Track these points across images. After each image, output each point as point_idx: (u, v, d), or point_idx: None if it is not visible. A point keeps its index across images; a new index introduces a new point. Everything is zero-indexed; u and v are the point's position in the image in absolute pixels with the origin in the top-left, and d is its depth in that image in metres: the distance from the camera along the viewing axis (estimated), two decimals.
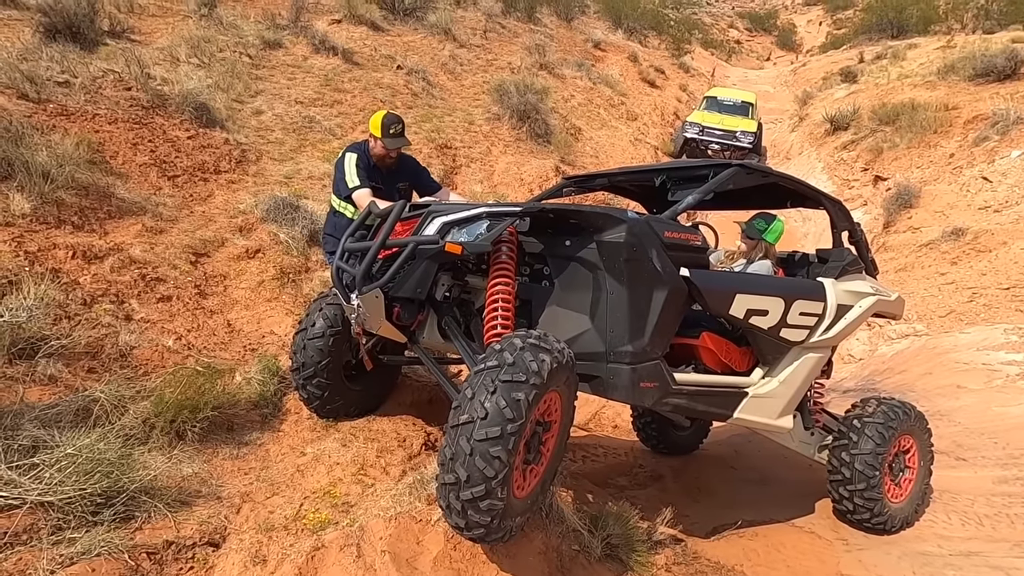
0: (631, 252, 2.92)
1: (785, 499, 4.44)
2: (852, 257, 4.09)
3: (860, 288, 3.98)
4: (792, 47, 37.92)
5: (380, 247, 2.96)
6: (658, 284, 3.00)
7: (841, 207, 4.17)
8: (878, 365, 6.83)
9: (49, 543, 2.40)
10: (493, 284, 3.02)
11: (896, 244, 9.30)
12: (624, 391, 2.99)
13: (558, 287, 3.16)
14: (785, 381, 3.64)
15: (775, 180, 3.81)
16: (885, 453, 3.91)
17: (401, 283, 2.99)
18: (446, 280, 3.26)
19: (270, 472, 3.23)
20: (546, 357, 2.52)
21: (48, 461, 2.58)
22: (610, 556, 3.12)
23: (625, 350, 2.95)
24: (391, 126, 4.08)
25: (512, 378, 2.40)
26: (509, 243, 3.11)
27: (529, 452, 2.63)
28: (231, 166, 6.98)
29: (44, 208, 4.77)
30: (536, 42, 15.70)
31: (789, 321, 3.54)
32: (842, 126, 14.14)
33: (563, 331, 3.01)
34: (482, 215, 2.97)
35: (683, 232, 3.20)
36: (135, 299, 4.47)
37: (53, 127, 5.81)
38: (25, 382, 3.24)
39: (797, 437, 4.06)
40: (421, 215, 3.06)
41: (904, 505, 4.06)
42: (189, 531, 2.68)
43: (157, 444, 3.11)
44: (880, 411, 4.02)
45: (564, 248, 3.11)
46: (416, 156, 9.14)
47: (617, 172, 4.36)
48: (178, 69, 8.06)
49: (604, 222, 2.99)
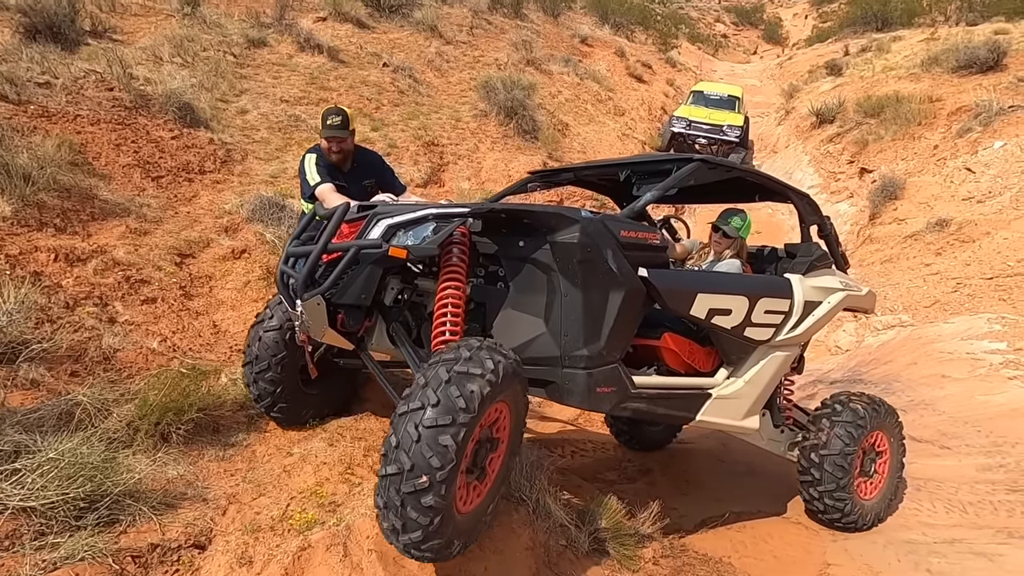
0: (585, 253, 2.84)
1: (772, 491, 4.48)
2: (821, 252, 4.03)
3: (828, 284, 3.92)
4: (778, 41, 38.06)
5: (321, 251, 2.82)
6: (614, 285, 2.92)
7: (809, 201, 4.11)
8: (864, 356, 6.89)
9: (32, 548, 2.38)
10: (442, 288, 2.92)
11: (882, 236, 9.38)
12: (580, 397, 2.91)
13: (513, 289, 3.07)
14: (751, 381, 3.57)
15: (739, 175, 3.74)
16: (855, 452, 3.89)
17: (344, 289, 2.86)
18: (395, 284, 3.13)
19: (256, 473, 3.22)
20: (501, 360, 2.46)
21: (30, 466, 2.55)
22: (598, 550, 3.14)
23: (580, 354, 2.87)
24: (328, 117, 4.04)
25: (468, 370, 2.34)
26: (461, 245, 3.01)
27: (475, 464, 2.52)
28: (216, 166, 6.93)
29: (25, 211, 4.71)
30: (523, 38, 15.67)
31: (754, 320, 3.47)
32: (828, 119, 14.21)
33: (517, 335, 2.96)
34: (429, 217, 2.87)
35: (641, 231, 3.11)
36: (119, 301, 4.43)
37: (34, 128, 5.74)
38: (6, 387, 3.20)
39: (767, 435, 4.01)
40: (366, 217, 2.94)
41: (876, 501, 4.06)
42: (174, 534, 2.67)
43: (142, 447, 3.08)
44: (849, 409, 3.98)
45: (518, 249, 3.02)
46: (403, 153, 9.16)
47: (582, 166, 4.30)
48: (161, 69, 7.99)
49: (557, 222, 2.90)
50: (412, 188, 8.58)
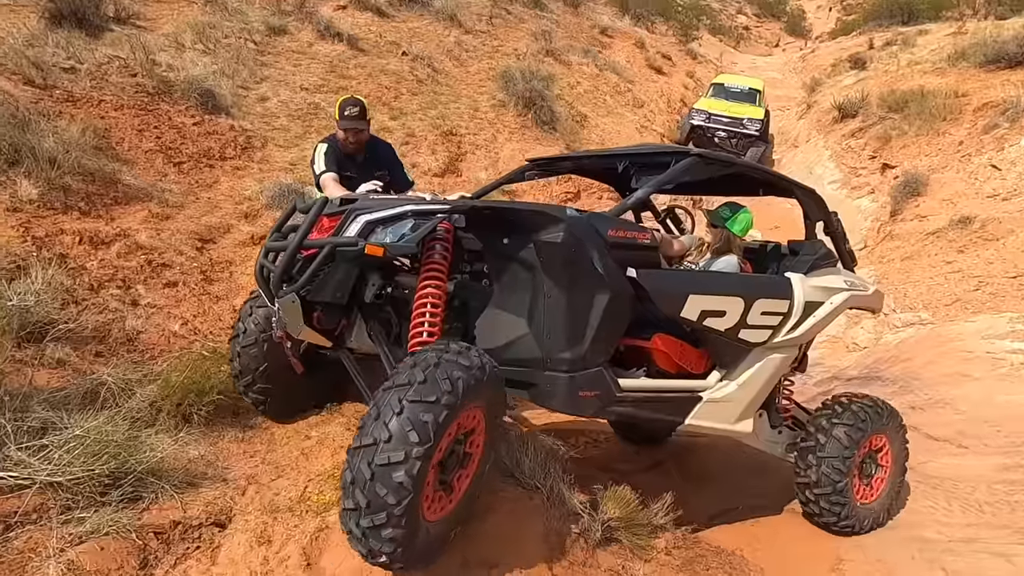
0: (569, 253, 2.75)
1: (786, 486, 4.44)
2: (825, 250, 3.89)
3: (831, 283, 3.77)
4: (801, 33, 37.50)
5: (296, 247, 2.76)
6: (599, 287, 2.82)
7: (814, 196, 3.95)
8: (882, 353, 6.82)
9: (58, 522, 2.45)
10: (422, 287, 2.83)
11: (903, 232, 9.25)
12: (561, 401, 2.84)
13: (496, 288, 2.99)
14: (744, 384, 3.43)
15: (739, 170, 3.60)
16: (854, 455, 3.77)
17: (320, 287, 2.80)
18: (376, 280, 3.01)
19: (275, 455, 3.28)
20: (462, 374, 2.33)
21: (57, 442, 2.62)
22: (610, 539, 3.15)
23: (563, 357, 2.79)
24: (345, 108, 4.06)
25: (421, 398, 2.23)
26: (444, 241, 2.92)
27: (445, 473, 2.45)
28: (236, 152, 6.99)
29: (51, 194, 4.80)
30: (542, 28, 15.59)
31: (749, 322, 3.33)
32: (850, 113, 13.99)
33: (500, 335, 2.89)
34: (407, 214, 2.79)
35: (630, 230, 3.02)
36: (142, 284, 4.51)
37: (59, 113, 5.83)
38: (34, 365, 3.28)
39: (763, 437, 3.89)
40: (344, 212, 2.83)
41: (875, 505, 3.94)
42: (196, 512, 2.73)
43: (164, 427, 3.15)
44: (849, 411, 3.84)
45: (502, 247, 2.92)
46: (421, 143, 9.18)
47: (581, 155, 4.23)
48: (183, 55, 8.06)
49: (541, 221, 2.80)
50: (429, 178, 8.63)
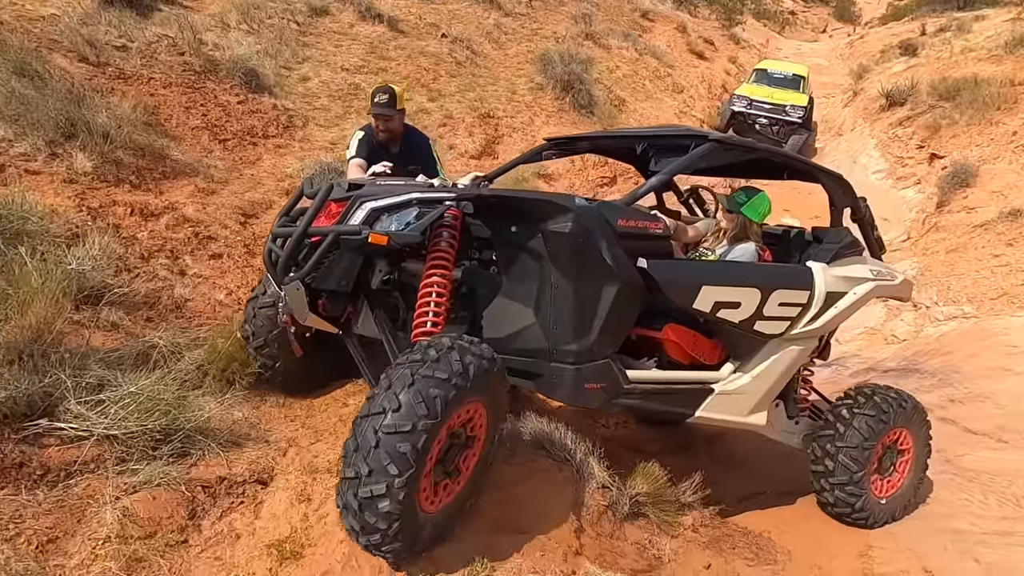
0: (577, 243, 2.69)
1: None
2: (850, 238, 3.75)
3: (856, 273, 3.63)
4: (850, 19, 36.31)
5: (301, 234, 2.75)
6: (608, 278, 2.76)
7: (841, 182, 3.82)
8: (922, 346, 6.68)
9: (114, 472, 2.59)
10: (427, 275, 2.80)
11: (949, 224, 9.00)
12: (567, 392, 2.81)
13: (504, 276, 2.95)
14: (759, 376, 3.33)
15: (761, 155, 3.50)
16: (874, 447, 3.66)
17: (324, 275, 2.81)
18: (383, 266, 2.99)
19: (314, 420, 3.40)
20: (473, 360, 2.36)
21: (113, 399, 2.77)
22: (637, 514, 3.21)
23: (569, 349, 2.75)
24: (376, 95, 4.05)
25: (433, 374, 2.25)
26: (451, 228, 2.88)
27: (445, 464, 2.45)
28: (279, 131, 7.14)
29: (104, 167, 4.98)
30: (582, 11, 15.44)
31: (766, 313, 3.22)
32: (898, 101, 13.58)
33: (506, 324, 2.87)
34: (412, 201, 2.76)
35: (640, 219, 2.92)
36: (189, 255, 4.68)
37: (112, 90, 6.03)
38: (90, 327, 3.45)
39: (779, 427, 3.78)
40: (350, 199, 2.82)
41: (892, 500, 3.84)
42: (240, 469, 2.86)
43: (210, 389, 3.28)
44: (872, 402, 3.73)
45: (510, 235, 2.87)
46: (459, 125, 9.23)
47: (599, 135, 4.17)
48: (228, 35, 8.23)
49: (549, 210, 2.75)
50: (466, 160, 8.69)
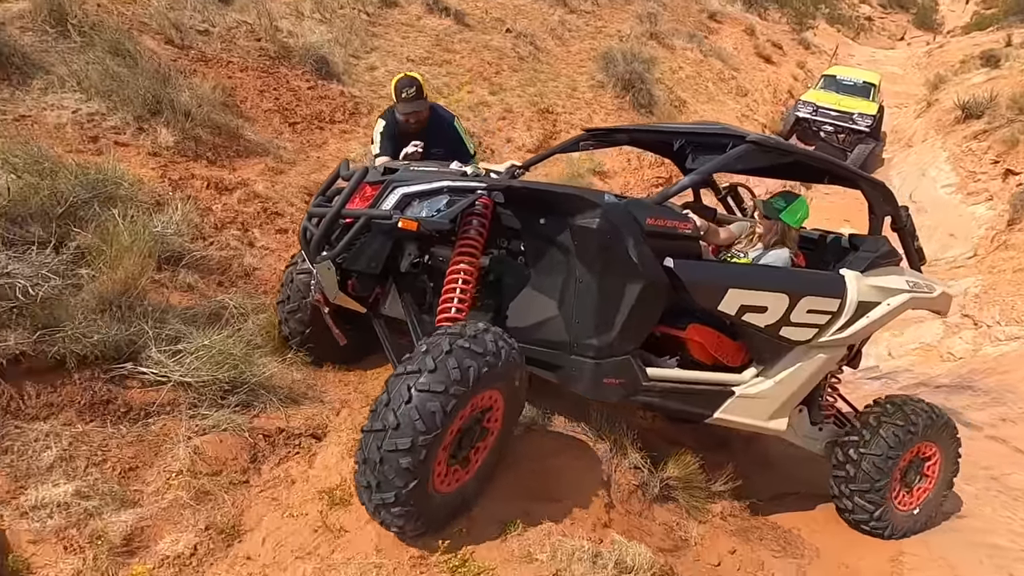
0: (604, 240, 2.71)
1: None
2: (887, 247, 3.68)
3: (891, 283, 3.55)
4: (931, 27, 34.78)
5: (335, 216, 2.84)
6: (633, 276, 2.77)
7: (881, 189, 3.74)
8: (979, 364, 6.49)
9: (187, 416, 2.87)
10: (454, 262, 2.85)
11: (1019, 243, 8.66)
12: (586, 386, 2.85)
13: (531, 267, 3.00)
14: (782, 381, 3.29)
15: (799, 158, 3.45)
16: (899, 457, 3.59)
17: (355, 256, 2.90)
18: (412, 249, 3.08)
19: (366, 385, 3.63)
20: (473, 363, 2.35)
21: (188, 350, 3.04)
22: (667, 497, 3.30)
23: (589, 343, 2.78)
24: (403, 90, 3.96)
25: (429, 387, 2.27)
26: (481, 216, 2.92)
27: (461, 450, 2.51)
28: (345, 117, 7.45)
29: (185, 143, 5.34)
30: (648, 10, 15.36)
31: (793, 319, 3.19)
32: (975, 114, 13.02)
33: (530, 315, 2.92)
34: (443, 189, 2.83)
35: (670, 218, 2.92)
36: (257, 228, 4.98)
37: (193, 71, 6.42)
38: (168, 287, 3.76)
39: (801, 432, 3.72)
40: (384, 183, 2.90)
41: (913, 515, 3.76)
42: (297, 423, 3.10)
43: (272, 350, 3.54)
44: (901, 412, 3.65)
45: (539, 227, 2.91)
46: (517, 119, 9.39)
47: (638, 128, 4.12)
48: (302, 23, 8.60)
49: (578, 205, 2.77)
50: (523, 153, 8.83)
